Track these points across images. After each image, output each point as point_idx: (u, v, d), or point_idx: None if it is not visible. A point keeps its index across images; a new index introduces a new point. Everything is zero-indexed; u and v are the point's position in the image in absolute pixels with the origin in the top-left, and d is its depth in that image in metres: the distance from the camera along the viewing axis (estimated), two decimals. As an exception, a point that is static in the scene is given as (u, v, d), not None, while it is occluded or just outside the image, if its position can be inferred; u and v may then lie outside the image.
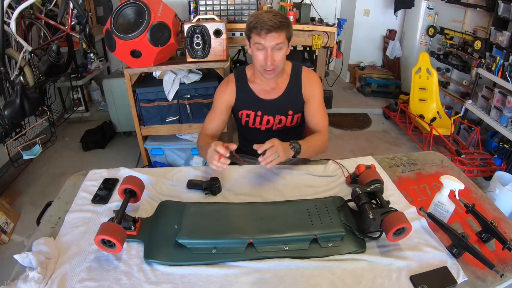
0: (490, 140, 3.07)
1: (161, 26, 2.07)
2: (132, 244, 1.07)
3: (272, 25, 1.33)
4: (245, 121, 1.65)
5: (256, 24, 1.35)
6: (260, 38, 1.36)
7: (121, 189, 1.17)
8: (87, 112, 3.99)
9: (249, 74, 1.60)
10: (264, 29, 1.34)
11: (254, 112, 1.61)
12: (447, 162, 1.56)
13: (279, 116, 1.62)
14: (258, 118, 1.62)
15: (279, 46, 1.39)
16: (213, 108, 1.62)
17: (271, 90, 1.59)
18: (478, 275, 1.00)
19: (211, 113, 1.62)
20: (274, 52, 1.40)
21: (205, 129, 1.61)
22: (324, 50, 2.76)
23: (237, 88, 1.59)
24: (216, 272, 0.99)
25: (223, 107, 1.60)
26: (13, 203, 2.59)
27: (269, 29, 1.34)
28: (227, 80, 1.63)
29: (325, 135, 1.58)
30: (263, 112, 1.61)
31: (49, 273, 0.97)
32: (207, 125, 1.61)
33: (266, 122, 1.63)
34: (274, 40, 1.36)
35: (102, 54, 4.40)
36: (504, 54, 2.94)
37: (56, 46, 2.60)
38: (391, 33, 4.76)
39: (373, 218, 1.05)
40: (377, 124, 4.05)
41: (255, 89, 1.59)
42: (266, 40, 1.36)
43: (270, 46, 1.37)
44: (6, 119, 2.46)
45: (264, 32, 1.34)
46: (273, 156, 1.25)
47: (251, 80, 1.59)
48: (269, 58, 1.39)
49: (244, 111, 1.61)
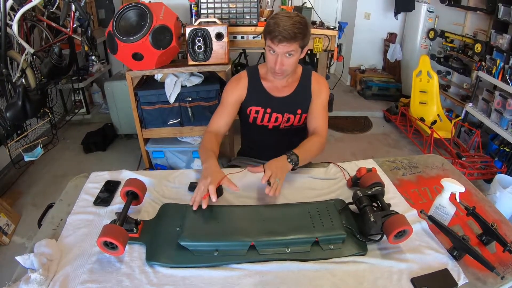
0: (491, 143, 3.08)
1: (163, 29, 2.08)
2: (134, 246, 1.08)
3: (285, 36, 1.33)
4: (253, 118, 1.64)
5: (272, 30, 1.35)
6: (272, 43, 1.38)
7: (123, 191, 1.17)
8: (88, 114, 4.00)
9: (262, 72, 1.61)
10: (277, 38, 1.34)
11: (263, 109, 1.61)
12: (448, 165, 1.56)
13: (288, 114, 1.62)
14: (267, 115, 1.62)
15: (290, 53, 1.40)
16: (223, 104, 1.60)
17: (282, 88, 1.60)
18: (478, 277, 1.00)
19: (220, 109, 1.60)
20: (284, 58, 1.41)
21: (212, 125, 1.58)
22: (325, 53, 2.77)
23: (249, 84, 1.59)
24: (218, 274, 0.99)
25: (234, 102, 1.59)
26: (14, 205, 2.59)
27: (281, 39, 1.34)
28: (238, 76, 1.62)
29: (323, 138, 1.56)
30: (273, 109, 1.61)
31: (51, 275, 0.97)
32: (215, 121, 1.58)
33: (274, 119, 1.63)
34: (285, 49, 1.37)
35: (103, 57, 4.41)
36: (505, 57, 2.94)
37: (58, 48, 2.61)
38: (391, 36, 4.77)
39: (374, 220, 1.05)
40: (377, 127, 4.06)
41: (267, 86, 1.59)
42: (278, 47, 1.37)
43: (280, 53, 1.39)
44: (7, 121, 2.47)
45: (277, 41, 1.35)
46: (276, 183, 1.22)
47: (263, 77, 1.60)
48: (278, 63, 1.41)
49: (253, 107, 1.61)
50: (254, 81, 1.59)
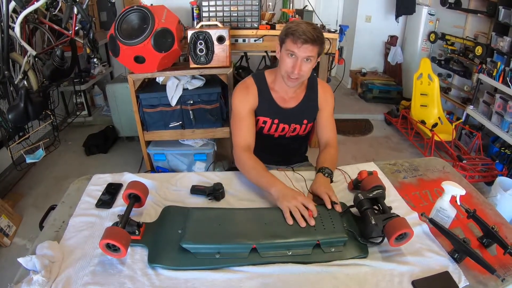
0: (492, 146, 3.08)
1: (165, 32, 2.10)
2: (136, 249, 1.08)
3: (310, 37, 1.32)
4: (260, 127, 1.62)
5: (295, 32, 1.33)
6: (294, 46, 1.35)
7: (125, 194, 1.17)
8: (90, 117, 4.01)
9: (269, 80, 1.57)
10: (301, 39, 1.33)
11: (271, 120, 1.59)
12: (449, 168, 1.57)
13: (294, 124, 1.62)
14: (274, 126, 1.61)
15: (309, 59, 1.39)
16: (240, 117, 1.51)
17: (289, 99, 1.58)
18: (479, 279, 1.01)
19: (239, 124, 1.51)
20: (303, 63, 1.39)
21: (241, 142, 1.48)
22: (326, 57, 2.78)
23: (259, 94, 1.55)
24: (220, 276, 0.99)
25: (249, 113, 1.53)
26: (15, 206, 2.60)
27: (306, 40, 1.33)
28: (245, 84, 1.57)
29: (336, 148, 1.59)
30: (280, 120, 1.59)
31: (53, 277, 0.98)
32: (241, 138, 1.49)
33: (281, 130, 1.62)
34: (307, 52, 1.36)
35: (105, 59, 4.43)
36: (505, 60, 2.95)
37: (60, 51, 2.62)
38: (392, 39, 4.78)
39: (375, 223, 1.06)
40: (378, 130, 4.06)
41: (275, 97, 1.57)
42: (300, 49, 1.35)
43: (301, 56, 1.37)
44: (10, 123, 2.48)
45: (301, 42, 1.33)
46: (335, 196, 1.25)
47: (271, 86, 1.57)
48: (298, 67, 1.38)
49: (261, 117, 1.58)
50: (264, 91, 1.56)
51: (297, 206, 1.15)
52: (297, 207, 1.15)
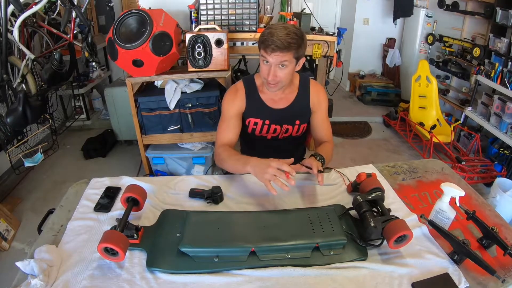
0: (490, 147, 3.08)
1: (163, 35, 2.10)
2: (134, 253, 1.08)
3: (279, 45, 1.32)
4: (252, 129, 1.64)
5: (265, 40, 1.35)
6: (265, 53, 1.37)
7: (124, 197, 1.17)
8: (88, 121, 4.00)
9: (258, 83, 1.60)
10: (270, 47, 1.34)
11: (262, 121, 1.61)
12: (448, 169, 1.57)
13: (286, 125, 1.62)
14: (265, 127, 1.62)
15: (283, 64, 1.39)
16: (224, 118, 1.58)
17: (279, 100, 1.59)
18: (479, 281, 1.00)
19: (223, 124, 1.58)
20: (277, 69, 1.40)
21: (222, 140, 1.56)
22: (324, 59, 2.79)
23: (246, 96, 1.58)
24: (219, 280, 0.99)
25: (235, 114, 1.57)
26: (14, 210, 2.59)
27: (274, 48, 1.33)
28: (235, 88, 1.60)
29: (332, 144, 1.64)
30: (271, 121, 1.61)
31: (51, 281, 0.97)
32: (223, 135, 1.56)
33: (273, 131, 1.64)
34: (278, 59, 1.36)
35: (103, 63, 4.43)
36: (503, 61, 2.96)
37: (58, 55, 2.63)
38: (390, 42, 4.80)
39: (375, 226, 1.05)
40: (377, 132, 4.07)
41: (264, 98, 1.59)
42: (272, 57, 1.36)
43: (274, 63, 1.38)
44: (8, 126, 2.47)
45: (270, 50, 1.35)
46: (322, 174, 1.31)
47: (260, 89, 1.59)
48: (271, 73, 1.40)
49: (252, 119, 1.61)
50: (252, 93, 1.59)
51: (275, 173, 1.19)
52: (275, 175, 1.19)
